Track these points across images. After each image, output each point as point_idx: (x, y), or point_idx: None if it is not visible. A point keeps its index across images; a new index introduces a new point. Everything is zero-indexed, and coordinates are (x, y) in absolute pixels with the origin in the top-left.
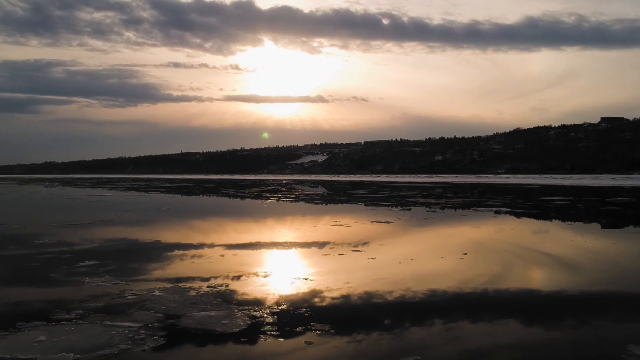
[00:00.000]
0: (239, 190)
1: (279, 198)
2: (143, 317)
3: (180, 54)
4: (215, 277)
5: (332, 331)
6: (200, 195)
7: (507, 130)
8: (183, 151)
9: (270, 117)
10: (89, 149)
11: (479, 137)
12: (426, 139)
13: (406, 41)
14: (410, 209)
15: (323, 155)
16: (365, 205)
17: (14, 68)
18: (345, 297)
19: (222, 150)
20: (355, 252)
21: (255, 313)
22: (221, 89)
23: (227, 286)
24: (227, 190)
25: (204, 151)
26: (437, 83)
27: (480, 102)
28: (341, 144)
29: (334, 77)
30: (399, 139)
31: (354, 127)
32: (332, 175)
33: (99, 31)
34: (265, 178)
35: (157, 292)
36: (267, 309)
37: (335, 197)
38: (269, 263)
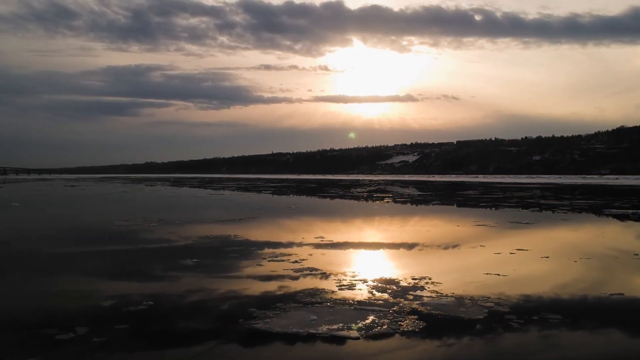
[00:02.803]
0: (344, 190)
1: (393, 198)
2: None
3: (271, 56)
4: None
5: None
6: (315, 195)
7: (610, 129)
8: (274, 152)
9: (358, 117)
10: (185, 150)
11: (579, 136)
12: (522, 138)
13: (499, 37)
14: (548, 211)
15: (414, 155)
16: (493, 207)
17: (116, 73)
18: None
19: (312, 150)
20: (520, 250)
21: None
22: (310, 90)
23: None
24: (334, 190)
25: (294, 151)
26: (532, 80)
27: (578, 99)
28: (432, 143)
29: (423, 75)
30: (493, 139)
31: (444, 127)
32: (425, 175)
33: (195, 36)
34: (359, 178)
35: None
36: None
37: (452, 197)
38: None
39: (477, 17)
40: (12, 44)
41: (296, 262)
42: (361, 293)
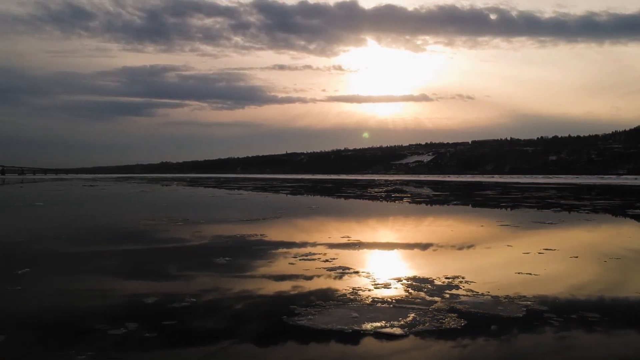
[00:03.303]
0: (361, 190)
1: (412, 199)
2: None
3: (285, 57)
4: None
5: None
6: (333, 195)
7: (628, 128)
8: (288, 152)
9: (372, 117)
10: (199, 150)
11: (596, 136)
12: (538, 138)
13: (515, 36)
14: (570, 211)
15: (428, 155)
16: (514, 208)
17: (131, 74)
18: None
19: (326, 150)
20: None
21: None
22: (324, 90)
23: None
24: (351, 190)
25: (308, 151)
26: (548, 79)
27: (594, 98)
28: (447, 143)
29: (438, 75)
30: (508, 138)
31: (459, 126)
32: (441, 175)
33: (209, 36)
34: (374, 178)
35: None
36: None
37: (471, 197)
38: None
39: (493, 16)
40: (30, 45)
41: (327, 261)
42: (397, 291)
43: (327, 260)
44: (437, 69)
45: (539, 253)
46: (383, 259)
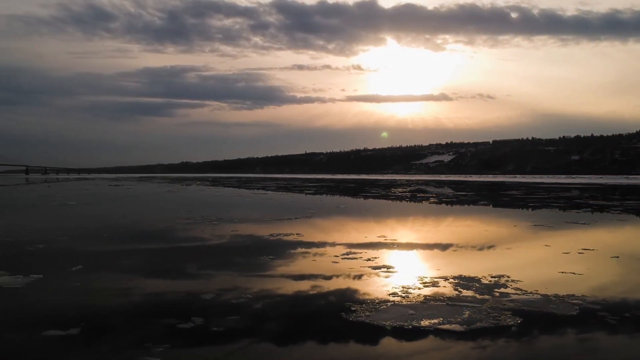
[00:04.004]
0: (385, 189)
1: (438, 198)
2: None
3: (304, 56)
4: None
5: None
6: (358, 195)
7: None
8: (307, 151)
9: (391, 116)
10: (219, 150)
11: (620, 135)
12: (560, 137)
13: (536, 35)
14: (601, 212)
15: (449, 155)
16: (543, 208)
17: (152, 74)
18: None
19: (346, 150)
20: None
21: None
22: (343, 90)
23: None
24: (375, 190)
25: (327, 151)
26: (570, 78)
27: (618, 97)
28: (468, 143)
29: (458, 74)
30: (530, 138)
31: (479, 126)
32: (462, 175)
33: (229, 37)
34: (395, 178)
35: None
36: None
37: (497, 198)
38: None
39: (514, 15)
40: (52, 46)
41: (369, 260)
42: (446, 290)
43: (369, 260)
44: (457, 68)
45: (579, 253)
46: (423, 258)
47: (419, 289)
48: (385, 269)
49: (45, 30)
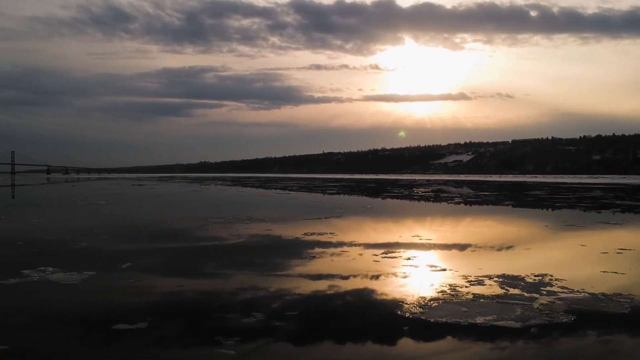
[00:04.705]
0: (407, 189)
1: (463, 198)
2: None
3: (322, 56)
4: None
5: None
6: (382, 195)
7: None
8: (325, 151)
9: (409, 116)
10: (237, 150)
11: None
12: (580, 137)
13: (556, 33)
14: (630, 212)
15: (468, 154)
16: (570, 208)
17: (171, 75)
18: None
19: (363, 150)
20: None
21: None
22: (360, 89)
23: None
24: (397, 190)
25: (345, 151)
26: (590, 77)
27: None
28: (487, 142)
29: (476, 73)
30: (550, 137)
31: (498, 125)
32: (481, 175)
33: (247, 37)
34: (415, 178)
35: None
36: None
37: (522, 198)
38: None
39: (533, 13)
40: (73, 47)
41: (409, 259)
42: (493, 288)
43: (409, 259)
44: (475, 67)
45: (617, 252)
46: (462, 257)
47: (466, 287)
48: (427, 268)
49: (66, 32)
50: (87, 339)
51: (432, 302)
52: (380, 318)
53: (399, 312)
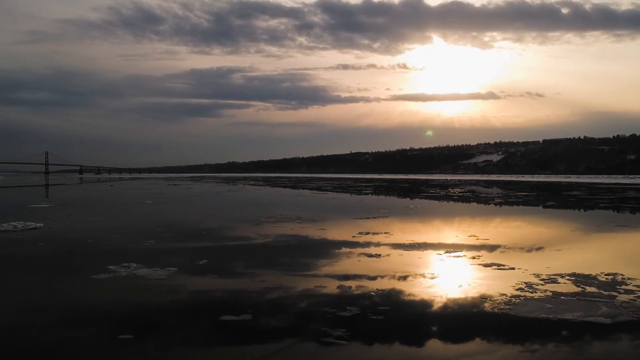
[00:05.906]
0: (443, 189)
1: (503, 199)
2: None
3: (349, 56)
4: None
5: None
6: (420, 195)
7: None
8: (352, 151)
9: (437, 115)
10: (264, 150)
11: None
12: (614, 136)
13: (588, 30)
14: None
15: (498, 154)
16: (617, 209)
17: (199, 76)
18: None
19: (391, 150)
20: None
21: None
22: (388, 89)
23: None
24: (433, 190)
25: (373, 151)
26: (624, 75)
27: None
28: (517, 142)
29: (506, 72)
30: (582, 137)
31: (528, 125)
32: (512, 175)
33: (274, 37)
34: (446, 178)
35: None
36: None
37: (562, 198)
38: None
39: (564, 10)
40: (103, 49)
41: (474, 258)
42: (569, 286)
43: (474, 258)
44: (505, 66)
45: None
46: (525, 256)
47: (542, 285)
48: (496, 267)
49: (97, 34)
50: (201, 327)
51: (513, 298)
52: (473, 313)
53: (485, 306)
